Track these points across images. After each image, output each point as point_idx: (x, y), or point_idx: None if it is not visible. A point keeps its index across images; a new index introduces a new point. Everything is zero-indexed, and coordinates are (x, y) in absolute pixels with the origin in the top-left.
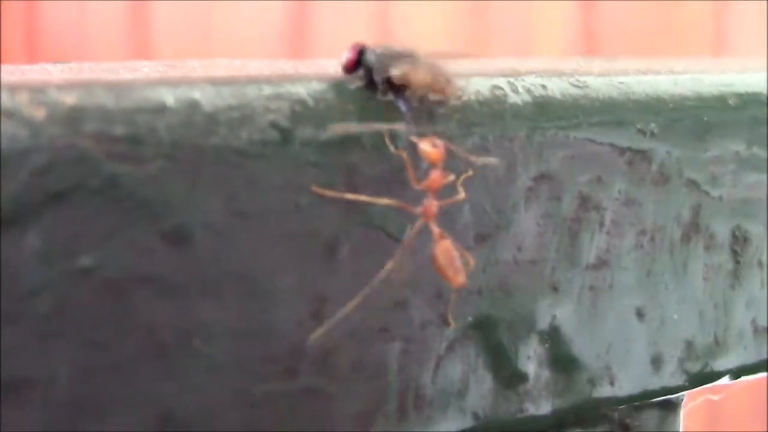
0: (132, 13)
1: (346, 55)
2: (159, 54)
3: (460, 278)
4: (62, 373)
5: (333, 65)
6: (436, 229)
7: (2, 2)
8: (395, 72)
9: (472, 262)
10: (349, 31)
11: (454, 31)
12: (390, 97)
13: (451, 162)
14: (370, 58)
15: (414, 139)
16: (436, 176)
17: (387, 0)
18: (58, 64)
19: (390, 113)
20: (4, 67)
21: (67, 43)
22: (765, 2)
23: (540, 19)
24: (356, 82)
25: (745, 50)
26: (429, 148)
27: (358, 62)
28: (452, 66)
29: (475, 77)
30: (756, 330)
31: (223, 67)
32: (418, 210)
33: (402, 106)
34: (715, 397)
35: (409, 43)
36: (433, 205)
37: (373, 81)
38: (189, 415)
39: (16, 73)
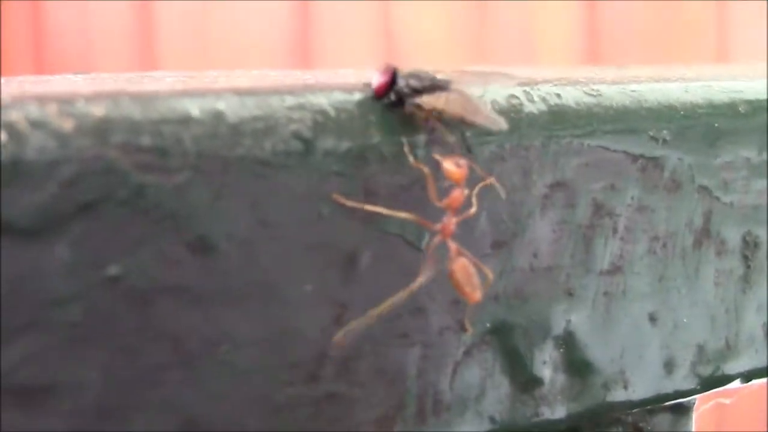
0: (136, 19)
1: (377, 79)
2: (164, 60)
3: (476, 295)
4: (90, 380)
5: (349, 75)
6: (453, 246)
7: (2, 3)
8: (427, 101)
9: (491, 276)
10: (352, 37)
11: (457, 34)
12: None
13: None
14: (401, 83)
15: (438, 157)
16: (457, 195)
17: (389, 1)
18: (80, 74)
19: (411, 126)
20: (30, 77)
21: (72, 50)
22: (766, 3)
23: (544, 21)
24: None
25: (747, 51)
26: (453, 167)
27: (390, 86)
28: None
29: (491, 86)
30: (767, 334)
31: (243, 77)
32: (437, 227)
33: (431, 130)
34: (727, 401)
35: (413, 48)
36: (452, 223)
37: (403, 105)
38: (213, 421)
39: (42, 83)
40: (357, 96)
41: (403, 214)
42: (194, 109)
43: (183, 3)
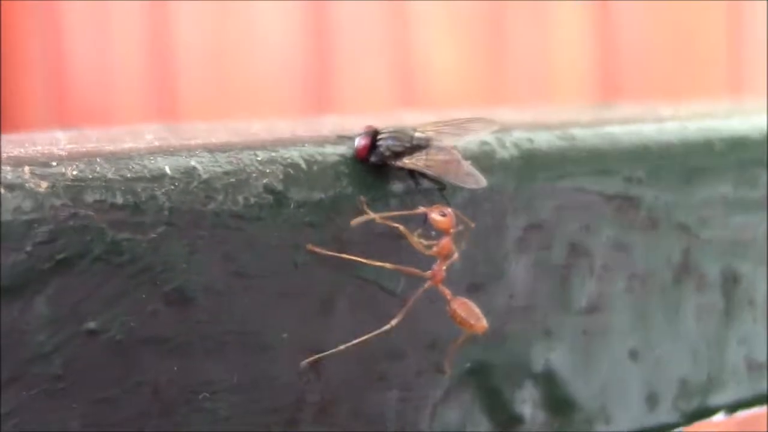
0: (155, 68)
1: (358, 142)
2: (183, 107)
3: (482, 324)
4: (73, 431)
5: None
6: (447, 291)
7: (24, 54)
8: (408, 162)
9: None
10: (369, 75)
11: (473, 70)
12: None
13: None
14: (381, 147)
15: (423, 209)
16: (446, 243)
17: (406, 38)
18: (70, 130)
19: (382, 177)
20: (9, 137)
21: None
22: None
23: (559, 57)
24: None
25: (759, 85)
26: (439, 217)
27: (370, 149)
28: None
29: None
30: (750, 366)
31: (223, 131)
32: (428, 274)
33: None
34: None
35: (430, 86)
36: (442, 270)
37: (386, 164)
38: None
39: (24, 141)
40: (328, 148)
41: (390, 266)
42: (167, 166)
43: (201, 49)
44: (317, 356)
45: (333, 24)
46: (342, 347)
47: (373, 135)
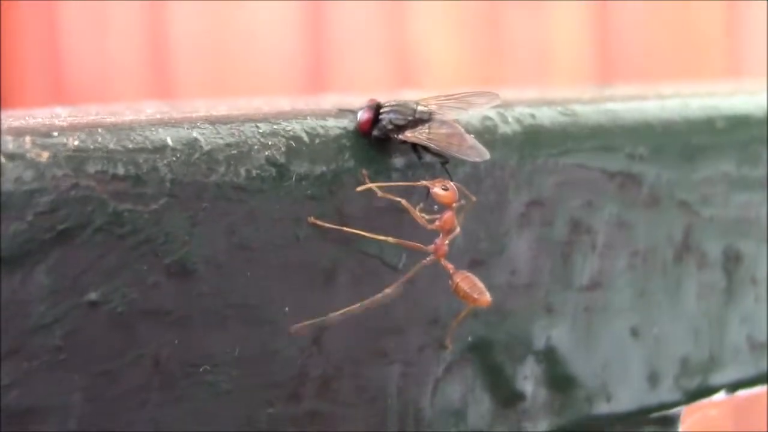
0: (151, 47)
1: (361, 116)
2: (179, 87)
3: (486, 298)
4: (73, 403)
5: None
6: (449, 265)
7: (20, 33)
8: (411, 135)
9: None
10: (365, 57)
11: (470, 53)
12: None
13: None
14: (384, 121)
15: (426, 183)
16: (449, 217)
17: (402, 21)
18: (66, 107)
19: (384, 150)
20: (11, 112)
21: (90, 85)
22: None
23: (556, 40)
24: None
25: (757, 69)
26: (442, 191)
27: (373, 123)
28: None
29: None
30: (752, 345)
31: (248, 105)
32: (430, 248)
33: (417, 159)
34: (714, 412)
35: (426, 68)
36: (445, 244)
37: (389, 138)
38: None
39: (25, 117)
40: (330, 121)
41: (393, 240)
42: (168, 137)
43: (197, 29)
44: (311, 321)
45: (329, 11)
46: (338, 313)
47: (376, 108)
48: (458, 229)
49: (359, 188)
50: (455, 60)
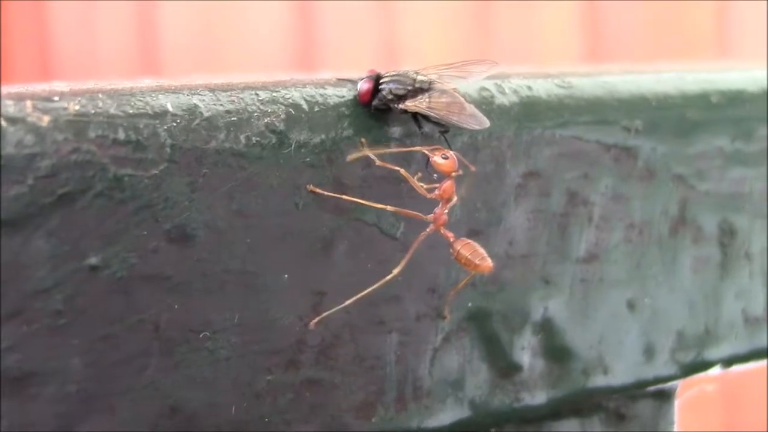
0: (139, 27)
1: (361, 86)
2: (167, 69)
3: (488, 263)
4: (73, 367)
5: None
6: (449, 233)
7: (6, 9)
8: (411, 104)
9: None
10: (354, 45)
11: (457, 39)
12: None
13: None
14: (384, 91)
15: (426, 151)
16: (448, 186)
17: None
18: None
19: (383, 120)
20: (11, 87)
21: (79, 65)
22: (765, 3)
23: (544, 25)
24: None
25: (747, 52)
26: (441, 160)
27: (373, 93)
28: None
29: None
30: (746, 320)
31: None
32: (429, 217)
33: (417, 128)
34: (710, 387)
35: (413, 54)
36: (444, 213)
37: (389, 108)
38: (195, 406)
39: (27, 88)
40: (330, 90)
41: (391, 208)
42: (169, 103)
43: (186, 11)
44: (327, 313)
45: (318, 6)
46: (347, 302)
47: (376, 79)
48: (455, 198)
49: (353, 155)
50: (444, 53)
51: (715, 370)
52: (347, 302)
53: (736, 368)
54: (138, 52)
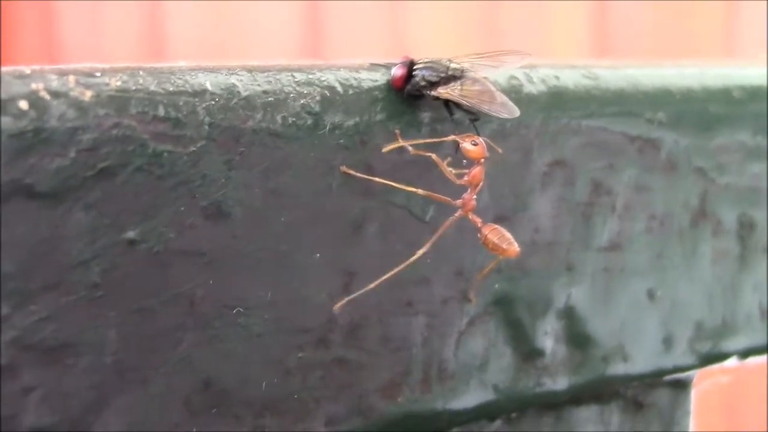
0: (147, 23)
1: (395, 72)
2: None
3: (515, 248)
4: (109, 339)
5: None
6: (477, 218)
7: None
8: (443, 91)
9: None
10: (361, 42)
11: (465, 38)
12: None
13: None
14: (417, 77)
15: (455, 137)
16: (478, 172)
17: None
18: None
19: (414, 105)
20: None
21: (85, 58)
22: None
23: (552, 25)
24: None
25: (754, 50)
26: (471, 146)
27: (407, 79)
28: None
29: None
30: (763, 312)
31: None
32: (458, 202)
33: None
34: (725, 379)
35: (421, 51)
36: (473, 198)
37: (422, 94)
38: (227, 381)
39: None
40: (363, 74)
41: (422, 192)
42: (208, 82)
43: (193, 4)
44: (349, 298)
45: (328, 9)
46: (373, 285)
47: (410, 65)
48: (482, 184)
49: (389, 147)
50: (453, 50)
51: (732, 362)
52: (371, 285)
53: (752, 360)
54: (145, 46)
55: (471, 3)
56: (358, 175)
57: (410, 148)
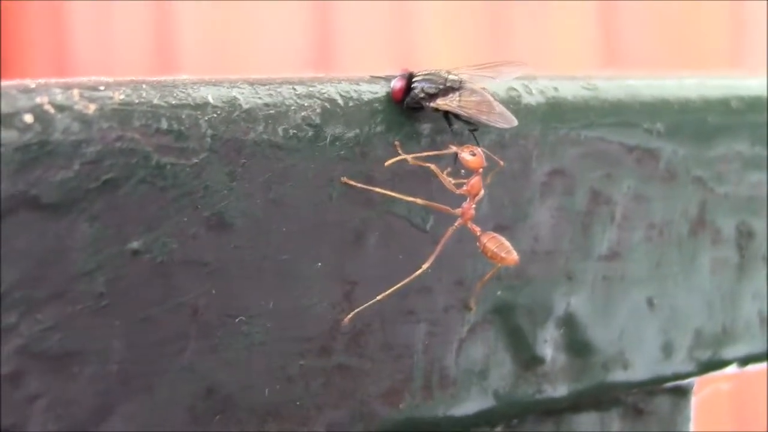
0: (156, 31)
1: (394, 84)
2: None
3: (513, 256)
4: (113, 348)
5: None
6: (476, 227)
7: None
8: (442, 103)
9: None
10: (369, 55)
11: (472, 54)
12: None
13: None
14: (416, 89)
15: (454, 148)
16: (476, 182)
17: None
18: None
19: (414, 116)
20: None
21: (95, 65)
22: None
23: (558, 39)
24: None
25: (760, 60)
26: (470, 156)
27: (406, 91)
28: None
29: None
30: (762, 320)
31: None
32: (457, 211)
33: (448, 127)
34: (725, 386)
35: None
36: (472, 207)
37: (421, 106)
38: (231, 388)
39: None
40: (363, 86)
41: (421, 201)
42: (209, 95)
43: (202, 11)
44: (356, 311)
45: (336, 18)
46: (379, 298)
47: (409, 77)
48: (482, 192)
49: (391, 160)
50: (460, 59)
51: (732, 369)
52: (379, 297)
53: (751, 367)
54: (154, 53)
55: (478, 14)
56: (359, 185)
57: (410, 160)
